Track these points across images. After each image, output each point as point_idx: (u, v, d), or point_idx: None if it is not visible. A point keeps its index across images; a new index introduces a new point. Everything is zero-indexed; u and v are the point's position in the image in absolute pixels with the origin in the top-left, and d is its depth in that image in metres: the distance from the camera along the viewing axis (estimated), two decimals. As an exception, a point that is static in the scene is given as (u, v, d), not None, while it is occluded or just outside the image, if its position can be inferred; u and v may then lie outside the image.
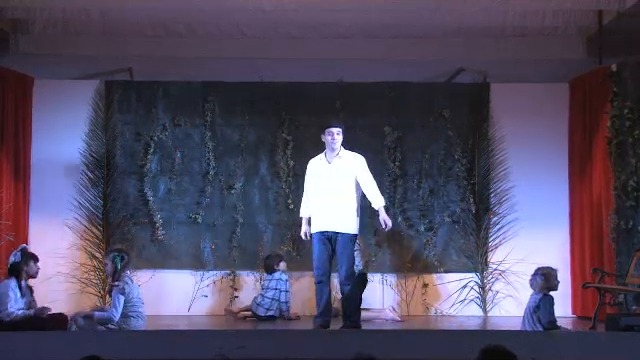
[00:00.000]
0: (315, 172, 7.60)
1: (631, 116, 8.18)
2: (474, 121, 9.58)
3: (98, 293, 9.17)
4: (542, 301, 6.85)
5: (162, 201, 9.49)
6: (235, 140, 9.60)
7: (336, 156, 7.52)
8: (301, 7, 8.39)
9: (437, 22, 8.82)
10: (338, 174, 7.44)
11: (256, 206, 9.55)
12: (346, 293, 7.43)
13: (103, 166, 9.49)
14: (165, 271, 9.40)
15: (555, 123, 9.54)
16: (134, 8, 8.49)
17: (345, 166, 7.48)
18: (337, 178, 7.43)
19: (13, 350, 5.91)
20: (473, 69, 9.56)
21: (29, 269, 7.12)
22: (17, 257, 7.10)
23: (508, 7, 8.49)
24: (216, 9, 8.51)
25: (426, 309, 9.41)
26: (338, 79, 9.59)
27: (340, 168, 7.47)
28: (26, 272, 7.10)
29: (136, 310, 7.16)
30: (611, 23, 8.47)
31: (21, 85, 9.30)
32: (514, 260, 9.26)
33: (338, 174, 7.44)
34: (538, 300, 6.87)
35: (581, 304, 8.94)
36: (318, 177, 7.53)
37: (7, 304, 6.87)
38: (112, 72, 9.64)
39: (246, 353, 5.86)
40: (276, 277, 8.82)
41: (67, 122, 9.45)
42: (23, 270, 7.08)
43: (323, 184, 7.46)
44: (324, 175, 7.49)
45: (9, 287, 6.96)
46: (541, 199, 9.45)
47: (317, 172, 7.57)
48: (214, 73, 9.52)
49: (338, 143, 7.51)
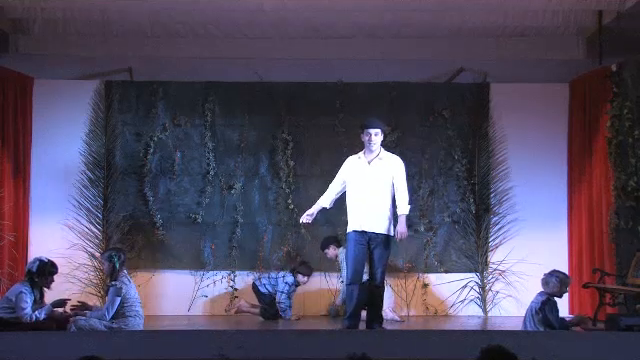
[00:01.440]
0: (351, 171, 7.60)
1: (631, 116, 8.18)
2: (474, 121, 9.58)
3: (98, 293, 9.16)
4: (546, 306, 6.85)
5: (162, 201, 9.48)
6: (235, 140, 9.59)
7: (376, 157, 7.54)
8: (301, 7, 8.39)
9: (437, 22, 8.82)
10: (376, 176, 7.46)
11: (256, 206, 9.54)
12: (376, 296, 7.49)
13: (103, 166, 9.48)
14: (165, 271, 9.40)
15: (555, 123, 9.54)
16: (134, 8, 8.49)
17: (384, 168, 7.50)
18: (375, 179, 7.45)
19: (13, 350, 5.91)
20: (473, 69, 9.56)
21: (41, 281, 7.20)
22: (33, 267, 7.18)
23: (508, 7, 8.48)
24: (216, 9, 8.51)
25: (426, 309, 9.42)
26: (338, 79, 9.59)
27: (379, 170, 7.49)
28: (38, 283, 7.17)
29: (134, 310, 7.19)
30: (611, 23, 8.47)
31: (21, 85, 9.30)
32: (514, 260, 9.27)
33: (376, 176, 7.46)
34: (540, 303, 6.87)
35: (581, 304, 8.93)
36: (355, 177, 7.54)
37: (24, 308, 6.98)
38: (112, 72, 9.63)
39: (246, 353, 5.86)
40: (281, 275, 8.91)
41: (67, 122, 9.45)
42: (35, 280, 7.16)
43: (361, 185, 7.48)
44: (362, 176, 7.50)
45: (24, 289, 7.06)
46: (541, 199, 9.45)
47: (354, 171, 7.58)
48: (214, 73, 9.52)
49: (375, 144, 7.51)
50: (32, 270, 7.17)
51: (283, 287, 8.82)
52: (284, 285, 8.83)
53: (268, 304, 8.83)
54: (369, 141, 7.49)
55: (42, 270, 7.17)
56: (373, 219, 7.38)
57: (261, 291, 8.91)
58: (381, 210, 7.39)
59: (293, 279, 8.90)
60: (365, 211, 7.39)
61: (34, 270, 7.16)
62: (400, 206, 7.46)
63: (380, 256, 7.40)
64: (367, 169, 7.50)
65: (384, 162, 7.52)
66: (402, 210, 7.44)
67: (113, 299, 7.09)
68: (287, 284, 8.84)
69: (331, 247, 9.06)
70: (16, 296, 7.04)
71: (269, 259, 9.44)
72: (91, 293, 9.15)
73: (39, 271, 7.16)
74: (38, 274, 7.16)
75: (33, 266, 7.19)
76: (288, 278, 8.88)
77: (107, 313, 7.07)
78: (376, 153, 7.53)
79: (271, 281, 8.92)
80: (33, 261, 7.28)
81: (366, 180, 7.46)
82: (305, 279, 8.97)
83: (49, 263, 7.26)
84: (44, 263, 7.22)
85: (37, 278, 7.17)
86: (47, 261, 7.27)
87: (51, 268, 7.25)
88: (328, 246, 9.08)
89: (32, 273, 7.17)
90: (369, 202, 7.39)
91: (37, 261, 7.22)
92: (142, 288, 7.74)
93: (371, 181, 7.44)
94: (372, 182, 7.44)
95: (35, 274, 7.16)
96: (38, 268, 7.16)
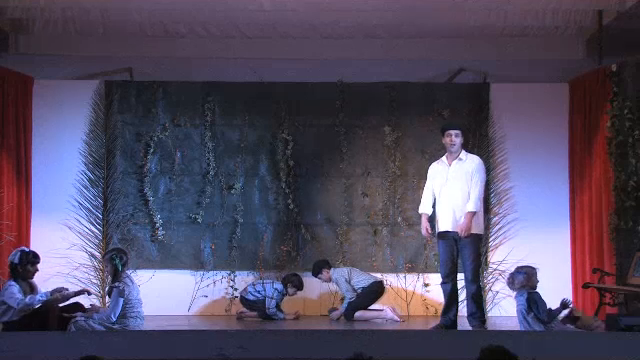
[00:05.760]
0: (434, 174, 7.78)
1: (631, 116, 8.17)
2: (474, 121, 9.58)
3: (98, 293, 9.17)
4: (531, 300, 6.95)
5: (162, 201, 9.49)
6: (235, 140, 9.60)
7: (456, 158, 7.68)
8: (301, 7, 8.38)
9: (437, 22, 8.81)
10: (456, 176, 7.60)
11: (256, 206, 9.55)
12: (472, 293, 7.57)
13: (103, 166, 9.49)
14: (165, 271, 9.41)
15: (555, 123, 9.54)
16: (134, 8, 8.48)
17: (464, 168, 7.62)
18: (455, 180, 7.59)
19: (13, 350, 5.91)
20: (473, 69, 9.55)
21: (24, 271, 7.15)
22: (15, 258, 7.14)
23: (508, 7, 8.48)
24: (216, 9, 8.50)
25: (426, 309, 9.41)
26: (338, 79, 9.59)
27: (459, 170, 7.62)
28: (22, 274, 7.13)
29: (135, 311, 7.19)
30: (611, 23, 8.46)
31: (21, 85, 9.29)
32: (514, 260, 9.22)
33: (456, 176, 7.60)
34: (525, 300, 6.94)
35: (581, 304, 8.93)
36: (438, 180, 7.71)
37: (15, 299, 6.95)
38: (112, 72, 9.63)
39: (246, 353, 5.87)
40: (269, 282, 8.91)
41: (67, 122, 9.46)
42: (19, 271, 7.12)
43: (443, 186, 7.65)
44: (444, 177, 7.67)
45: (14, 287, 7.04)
46: (541, 199, 9.45)
47: (436, 175, 7.75)
48: (214, 73, 9.52)
49: (456, 145, 7.66)
50: (14, 261, 7.13)
51: (272, 293, 8.81)
52: (273, 290, 8.82)
53: (260, 308, 8.82)
54: (450, 143, 7.66)
55: (24, 260, 7.13)
56: (456, 219, 7.52)
57: (250, 299, 8.88)
58: (465, 210, 7.51)
59: (282, 287, 8.90)
60: (449, 212, 7.56)
61: (16, 261, 7.12)
62: (468, 202, 7.56)
63: (468, 255, 7.53)
64: (447, 171, 7.66)
65: (464, 162, 7.66)
66: (468, 207, 7.54)
67: (117, 300, 7.09)
68: (276, 290, 8.84)
69: (324, 271, 9.04)
70: (5, 293, 7.02)
71: (269, 259, 9.44)
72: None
73: (21, 261, 7.12)
74: (21, 264, 7.12)
75: (15, 257, 7.15)
76: (278, 285, 8.90)
77: (113, 315, 7.06)
78: (457, 154, 7.68)
79: (256, 287, 8.89)
80: (14, 253, 7.24)
81: (447, 182, 7.63)
82: (294, 291, 8.97)
83: (31, 253, 7.25)
84: (25, 253, 7.21)
85: (21, 269, 7.13)
86: (28, 251, 7.27)
87: (33, 258, 7.22)
88: (320, 271, 9.06)
89: (15, 265, 7.12)
90: (452, 203, 7.56)
91: (18, 252, 7.21)
92: (142, 288, 7.73)
93: (452, 182, 7.60)
94: (453, 183, 7.60)
95: (18, 265, 7.12)
96: (20, 258, 7.12)
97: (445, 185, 7.64)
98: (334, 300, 9.32)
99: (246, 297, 8.92)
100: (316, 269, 9.06)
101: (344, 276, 8.89)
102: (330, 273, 9.00)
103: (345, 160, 9.58)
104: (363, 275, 8.96)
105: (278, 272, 9.30)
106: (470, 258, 7.54)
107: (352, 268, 9.07)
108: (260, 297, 8.83)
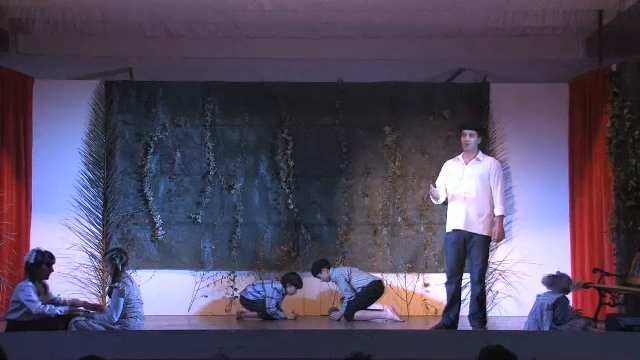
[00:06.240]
0: (448, 172, 7.77)
1: (631, 116, 8.17)
2: (474, 121, 9.56)
3: (98, 293, 9.17)
4: (561, 301, 7.06)
5: (162, 201, 9.49)
6: (235, 140, 9.60)
7: (474, 159, 7.68)
8: (301, 7, 8.39)
9: (437, 22, 8.81)
10: (471, 176, 7.59)
11: (256, 206, 9.54)
12: (477, 294, 7.59)
13: (103, 166, 9.49)
14: (165, 271, 9.40)
15: (555, 123, 9.54)
16: (134, 8, 8.49)
17: (480, 169, 7.62)
18: (470, 180, 7.58)
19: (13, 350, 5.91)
20: (473, 69, 9.56)
21: (40, 271, 7.12)
22: (31, 258, 7.12)
23: (508, 7, 8.48)
24: (216, 9, 8.51)
25: (426, 309, 9.41)
26: (338, 79, 9.59)
27: (475, 171, 7.62)
28: (37, 274, 7.11)
29: (135, 311, 7.18)
30: (611, 23, 8.46)
31: (21, 85, 9.29)
32: (514, 260, 9.27)
33: (471, 176, 7.59)
34: (555, 300, 7.04)
35: (581, 304, 8.93)
36: (452, 178, 7.69)
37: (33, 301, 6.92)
38: (112, 72, 9.63)
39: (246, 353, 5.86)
40: (269, 282, 8.93)
41: (67, 122, 9.45)
42: (34, 272, 7.10)
43: (457, 185, 7.62)
44: (459, 176, 7.65)
45: (30, 287, 7.00)
46: (541, 199, 9.45)
47: (451, 173, 7.73)
48: (214, 73, 9.52)
49: (469, 145, 7.67)
50: (30, 262, 7.07)
51: (272, 292, 8.82)
52: (272, 290, 8.83)
53: (260, 308, 8.82)
54: (464, 142, 7.68)
55: (40, 260, 7.10)
56: (469, 219, 7.51)
57: (250, 299, 8.88)
58: (477, 211, 7.52)
59: (282, 287, 8.91)
60: (461, 211, 7.54)
61: (32, 261, 7.07)
62: (495, 207, 7.58)
63: (477, 256, 7.53)
64: (463, 170, 7.65)
65: (481, 163, 7.66)
66: (497, 211, 7.56)
67: (117, 301, 7.08)
68: (276, 290, 8.85)
69: (323, 271, 9.03)
70: (21, 293, 6.99)
71: (269, 259, 9.44)
72: (91, 293, 9.16)
73: (37, 262, 7.09)
74: (36, 265, 7.09)
75: (30, 257, 7.10)
76: (277, 285, 8.91)
77: (114, 315, 7.05)
78: (473, 154, 7.69)
79: (256, 287, 8.90)
80: (30, 253, 7.19)
81: (462, 181, 7.61)
82: (294, 290, 8.97)
83: (46, 253, 7.19)
84: (41, 253, 7.15)
85: (36, 269, 7.09)
86: (44, 251, 7.21)
87: (49, 258, 7.18)
88: (320, 270, 9.05)
89: (30, 265, 7.08)
90: (465, 203, 7.54)
91: (34, 252, 7.15)
92: (142, 288, 7.73)
93: (467, 182, 7.59)
94: (468, 183, 7.58)
95: (34, 265, 7.08)
96: (36, 258, 7.09)
97: (460, 184, 7.61)
98: (334, 300, 9.32)
99: (246, 297, 8.92)
100: (315, 269, 9.06)
101: (344, 275, 8.90)
102: (329, 272, 9.00)
103: (345, 160, 9.57)
104: (363, 274, 8.97)
105: (278, 272, 9.29)
106: (479, 259, 7.53)
107: (352, 268, 9.07)
108: (260, 297, 8.84)
